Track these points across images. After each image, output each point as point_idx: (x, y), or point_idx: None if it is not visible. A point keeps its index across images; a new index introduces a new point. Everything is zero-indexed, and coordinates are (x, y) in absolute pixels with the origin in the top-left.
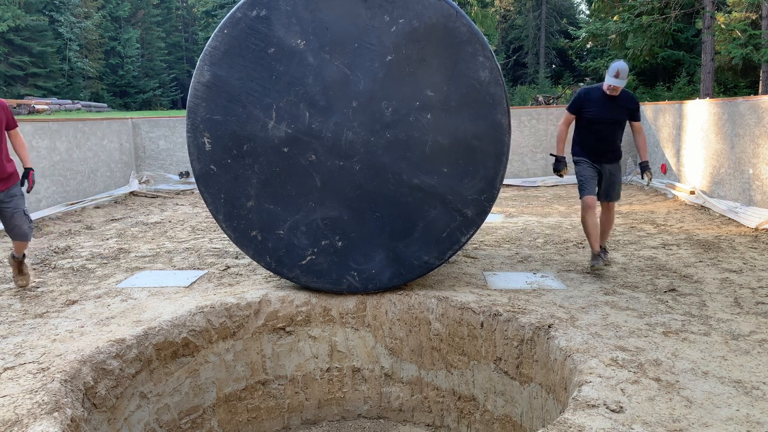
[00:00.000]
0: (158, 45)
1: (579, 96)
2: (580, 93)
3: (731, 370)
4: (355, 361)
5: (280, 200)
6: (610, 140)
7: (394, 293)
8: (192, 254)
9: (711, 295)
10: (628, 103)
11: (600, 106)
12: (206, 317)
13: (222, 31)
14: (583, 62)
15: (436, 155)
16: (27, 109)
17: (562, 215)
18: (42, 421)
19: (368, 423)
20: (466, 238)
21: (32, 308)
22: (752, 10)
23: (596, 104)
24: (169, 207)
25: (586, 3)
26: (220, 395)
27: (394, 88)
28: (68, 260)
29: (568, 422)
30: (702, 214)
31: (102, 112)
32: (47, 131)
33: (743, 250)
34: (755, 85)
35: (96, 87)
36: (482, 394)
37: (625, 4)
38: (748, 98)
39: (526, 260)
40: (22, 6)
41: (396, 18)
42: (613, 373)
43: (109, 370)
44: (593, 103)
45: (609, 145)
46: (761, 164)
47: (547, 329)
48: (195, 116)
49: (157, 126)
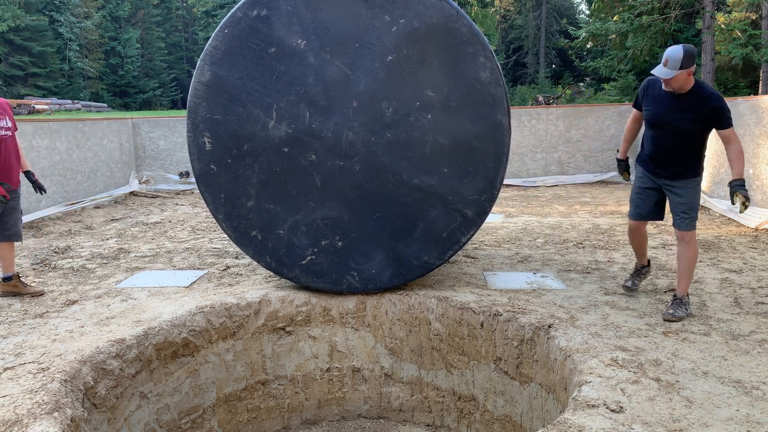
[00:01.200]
0: (158, 45)
1: (642, 86)
2: (644, 83)
3: (731, 370)
4: (355, 361)
5: (280, 200)
6: (670, 152)
7: (394, 293)
8: (192, 254)
9: (711, 295)
10: (699, 106)
11: (659, 104)
12: (206, 317)
13: (223, 30)
14: (583, 62)
15: (437, 155)
16: (27, 109)
17: (562, 215)
18: (42, 421)
19: (368, 423)
20: (466, 238)
21: (32, 308)
22: (752, 10)
23: (656, 102)
24: (169, 207)
25: (586, 3)
26: (220, 395)
27: (394, 88)
28: (68, 260)
29: (568, 422)
30: (702, 214)
31: (102, 112)
32: (47, 131)
33: (743, 250)
34: (755, 85)
35: (96, 87)
36: (482, 394)
37: (625, 4)
38: (748, 98)
39: (526, 260)
40: (22, 6)
41: (397, 18)
42: (613, 373)
43: (109, 370)
44: (653, 99)
45: (668, 158)
46: (761, 164)
47: (547, 329)
48: (195, 116)
49: (157, 126)
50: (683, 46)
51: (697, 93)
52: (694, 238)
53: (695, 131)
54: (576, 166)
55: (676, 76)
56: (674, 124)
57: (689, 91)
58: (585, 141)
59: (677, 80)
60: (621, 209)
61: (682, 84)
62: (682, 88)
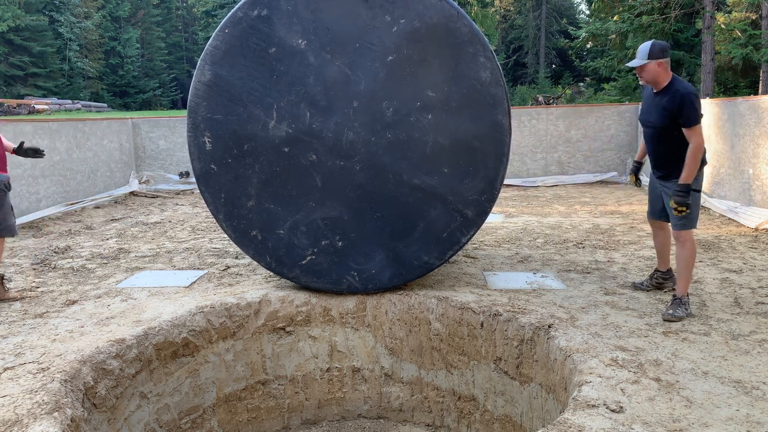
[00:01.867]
0: (158, 45)
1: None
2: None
3: (731, 370)
4: (355, 361)
5: (280, 200)
6: (656, 151)
7: (394, 293)
8: (192, 254)
9: (711, 295)
10: (671, 101)
11: (645, 102)
12: (206, 317)
13: (223, 30)
14: (583, 62)
15: (437, 155)
16: (27, 109)
17: (562, 215)
18: (42, 421)
19: (368, 423)
20: (466, 238)
21: (32, 308)
22: (752, 10)
23: (644, 101)
24: (169, 207)
25: (586, 3)
26: (220, 395)
27: (395, 89)
28: (68, 260)
29: (568, 422)
30: (702, 214)
31: (102, 112)
32: (47, 131)
33: (743, 250)
34: (755, 85)
35: (96, 87)
36: (482, 394)
37: (625, 4)
38: (748, 98)
39: (526, 260)
40: (22, 6)
41: (397, 18)
42: (613, 373)
43: (109, 370)
44: (644, 99)
45: (656, 158)
46: (761, 164)
47: (547, 329)
48: (196, 116)
49: (157, 126)
50: (655, 40)
51: (671, 89)
52: (690, 237)
53: (672, 128)
54: (576, 166)
55: (646, 67)
56: (653, 121)
57: (665, 87)
58: (585, 141)
59: (648, 71)
60: (621, 209)
61: (654, 76)
62: (658, 82)
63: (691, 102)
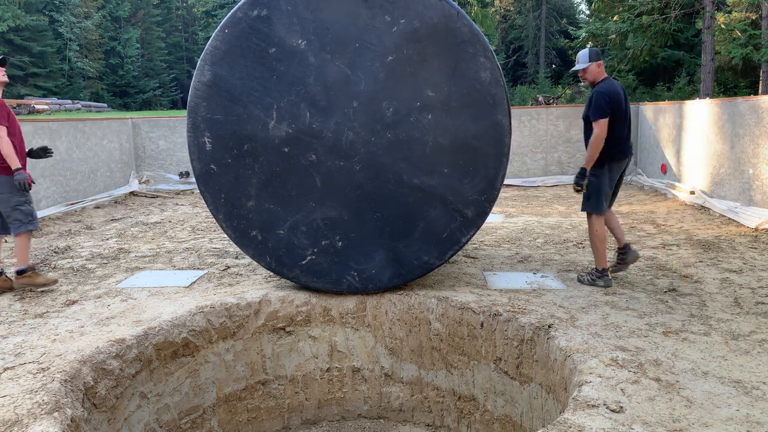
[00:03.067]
0: (158, 45)
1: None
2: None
3: (731, 370)
4: (355, 361)
5: (280, 200)
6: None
7: (394, 293)
8: (192, 254)
9: (711, 295)
10: (588, 98)
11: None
12: (206, 317)
13: (223, 30)
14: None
15: (437, 155)
16: (27, 109)
17: (562, 215)
18: (42, 421)
19: (368, 423)
20: (466, 238)
21: (32, 308)
22: (752, 10)
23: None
24: (169, 207)
25: (586, 3)
26: (220, 395)
27: (394, 89)
28: (68, 260)
29: (568, 422)
30: (702, 214)
31: (102, 112)
32: (47, 131)
33: (743, 250)
34: (755, 85)
35: (96, 87)
36: (482, 394)
37: (625, 4)
38: (748, 98)
39: (526, 260)
40: (22, 6)
41: (397, 18)
42: (613, 373)
43: (109, 370)
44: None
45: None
46: (761, 164)
47: (547, 329)
48: (196, 116)
49: (157, 126)
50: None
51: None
52: (594, 221)
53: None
54: (576, 166)
55: (588, 69)
56: (583, 114)
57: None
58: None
59: (590, 72)
60: (621, 209)
61: (595, 77)
62: (594, 82)
63: (597, 99)
